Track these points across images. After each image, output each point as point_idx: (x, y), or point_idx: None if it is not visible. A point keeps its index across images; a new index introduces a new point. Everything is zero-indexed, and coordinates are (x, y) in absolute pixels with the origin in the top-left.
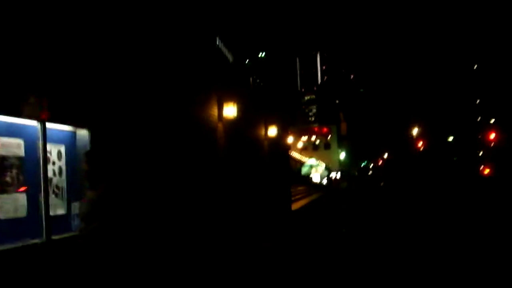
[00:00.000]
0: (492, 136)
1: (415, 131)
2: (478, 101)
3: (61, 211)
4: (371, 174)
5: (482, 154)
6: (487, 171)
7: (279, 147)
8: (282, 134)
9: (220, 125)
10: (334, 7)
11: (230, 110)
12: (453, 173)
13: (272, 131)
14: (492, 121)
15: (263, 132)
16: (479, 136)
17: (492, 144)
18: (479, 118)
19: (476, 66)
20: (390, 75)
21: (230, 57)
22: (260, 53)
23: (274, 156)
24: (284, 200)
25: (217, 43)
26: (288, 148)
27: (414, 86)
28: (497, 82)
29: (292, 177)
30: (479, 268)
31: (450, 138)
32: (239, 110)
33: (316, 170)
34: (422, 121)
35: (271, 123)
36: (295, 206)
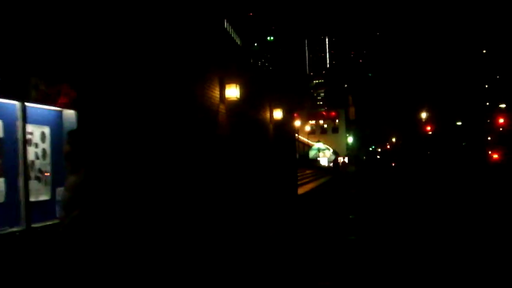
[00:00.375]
0: (501, 120)
1: (423, 114)
2: (487, 85)
3: (44, 197)
4: (379, 158)
5: (490, 139)
6: (495, 156)
7: (285, 130)
8: (288, 117)
9: (222, 107)
10: None
11: (232, 92)
12: (461, 158)
13: (278, 114)
14: (502, 106)
15: (268, 115)
16: (488, 121)
17: (500, 129)
18: (488, 102)
19: (485, 50)
20: (399, 59)
21: (238, 41)
22: (269, 37)
23: (280, 140)
24: (290, 184)
25: (225, 26)
26: (294, 131)
27: (423, 70)
28: (507, 67)
29: (299, 160)
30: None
31: (459, 123)
32: (242, 92)
33: (323, 154)
34: (431, 105)
35: (277, 106)
36: (302, 190)
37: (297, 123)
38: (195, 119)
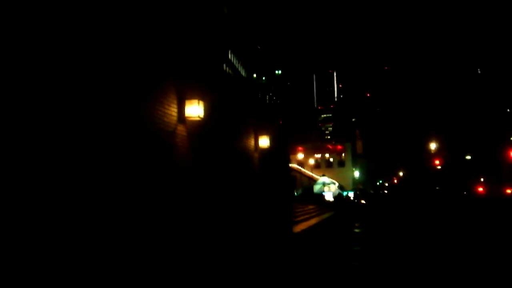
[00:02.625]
0: None
1: (432, 146)
2: (497, 117)
3: None
4: (386, 192)
5: (503, 174)
6: (508, 191)
7: (275, 162)
8: (279, 147)
9: (181, 128)
10: (351, 27)
11: (194, 110)
12: (471, 192)
13: (264, 141)
14: None
15: (252, 142)
16: (499, 154)
17: None
18: (498, 136)
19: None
20: (407, 93)
21: (243, 72)
22: (277, 71)
23: (269, 172)
24: (282, 222)
25: (230, 57)
26: (288, 163)
27: (431, 103)
28: None
29: (303, 195)
30: None
31: (468, 157)
32: (210, 112)
33: (329, 188)
34: (439, 139)
35: (263, 132)
36: (300, 227)
37: (300, 156)
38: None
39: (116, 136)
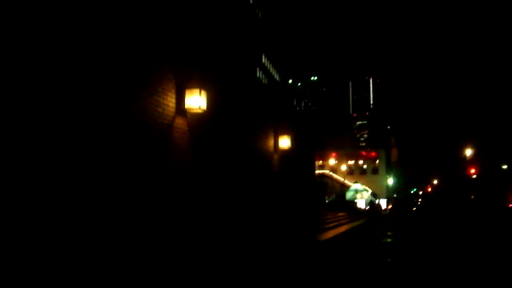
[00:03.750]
0: None
1: (468, 152)
2: None
3: None
4: (421, 201)
5: None
6: None
7: (298, 164)
8: (303, 148)
9: (180, 121)
10: (388, 33)
11: (195, 100)
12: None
13: (284, 142)
14: None
15: (271, 143)
16: None
17: None
18: None
19: None
20: (443, 101)
21: (277, 77)
22: (313, 77)
23: (290, 174)
24: (305, 229)
25: (263, 61)
26: (313, 165)
27: (468, 110)
28: None
29: (335, 202)
30: None
31: (504, 166)
32: (217, 104)
33: (361, 195)
34: (476, 147)
35: (283, 132)
36: (327, 235)
37: (332, 161)
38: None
39: (98, 124)
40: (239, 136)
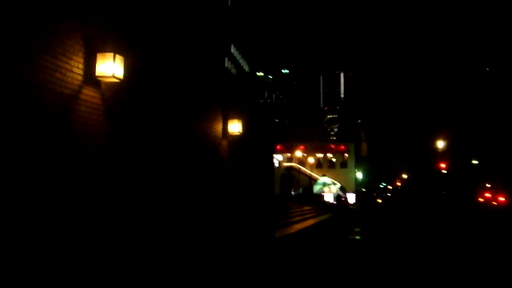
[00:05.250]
0: None
1: (440, 145)
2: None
3: None
4: (390, 195)
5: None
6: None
7: (254, 152)
8: (259, 134)
9: (90, 93)
10: (359, 27)
11: (108, 67)
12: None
13: (235, 127)
14: None
15: (219, 127)
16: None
17: None
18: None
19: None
20: (413, 95)
21: (246, 67)
22: (284, 70)
23: (242, 163)
24: (262, 225)
25: (232, 50)
26: (271, 154)
27: (438, 104)
28: None
29: (303, 195)
30: None
31: (475, 161)
32: (138, 74)
33: (329, 189)
34: (446, 139)
35: (234, 116)
36: (289, 230)
37: (299, 154)
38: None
39: None
40: (175, 116)
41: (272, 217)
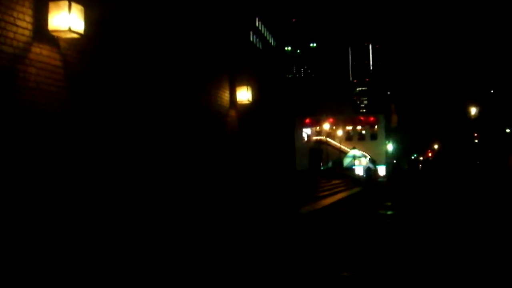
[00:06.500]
0: None
1: (473, 111)
2: None
3: None
4: (421, 167)
5: None
6: None
7: (269, 124)
8: (274, 105)
9: (42, 51)
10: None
11: (63, 19)
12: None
13: (243, 95)
14: None
15: (224, 95)
16: None
17: None
18: None
19: None
20: (443, 66)
21: (272, 41)
22: (312, 44)
23: (255, 136)
24: (281, 201)
25: (257, 24)
26: (292, 128)
27: (468, 75)
28: None
29: (332, 169)
30: None
31: (508, 130)
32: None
33: (359, 161)
34: (478, 107)
35: (243, 83)
36: (316, 206)
37: (326, 126)
38: None
39: None
40: (165, 83)
41: (295, 192)
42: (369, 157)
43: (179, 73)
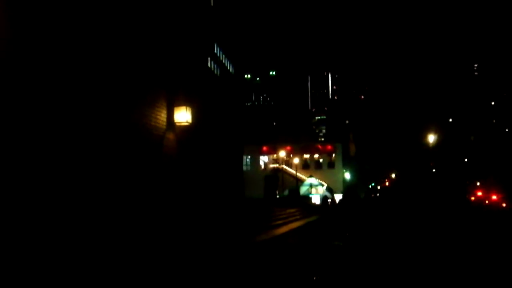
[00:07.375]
0: None
1: (431, 138)
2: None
3: None
4: (378, 195)
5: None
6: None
7: (214, 148)
8: (224, 128)
9: None
10: (346, 29)
11: None
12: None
13: (182, 116)
14: None
15: (163, 115)
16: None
17: None
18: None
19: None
20: (401, 96)
21: (231, 69)
22: (271, 72)
23: (197, 161)
24: (226, 231)
25: (215, 50)
26: (241, 153)
27: (426, 104)
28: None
29: (289, 197)
30: None
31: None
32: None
33: (316, 190)
34: (436, 135)
35: (181, 102)
36: (264, 236)
37: (282, 154)
38: None
39: None
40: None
41: (244, 222)
42: (326, 185)
43: (102, 84)
